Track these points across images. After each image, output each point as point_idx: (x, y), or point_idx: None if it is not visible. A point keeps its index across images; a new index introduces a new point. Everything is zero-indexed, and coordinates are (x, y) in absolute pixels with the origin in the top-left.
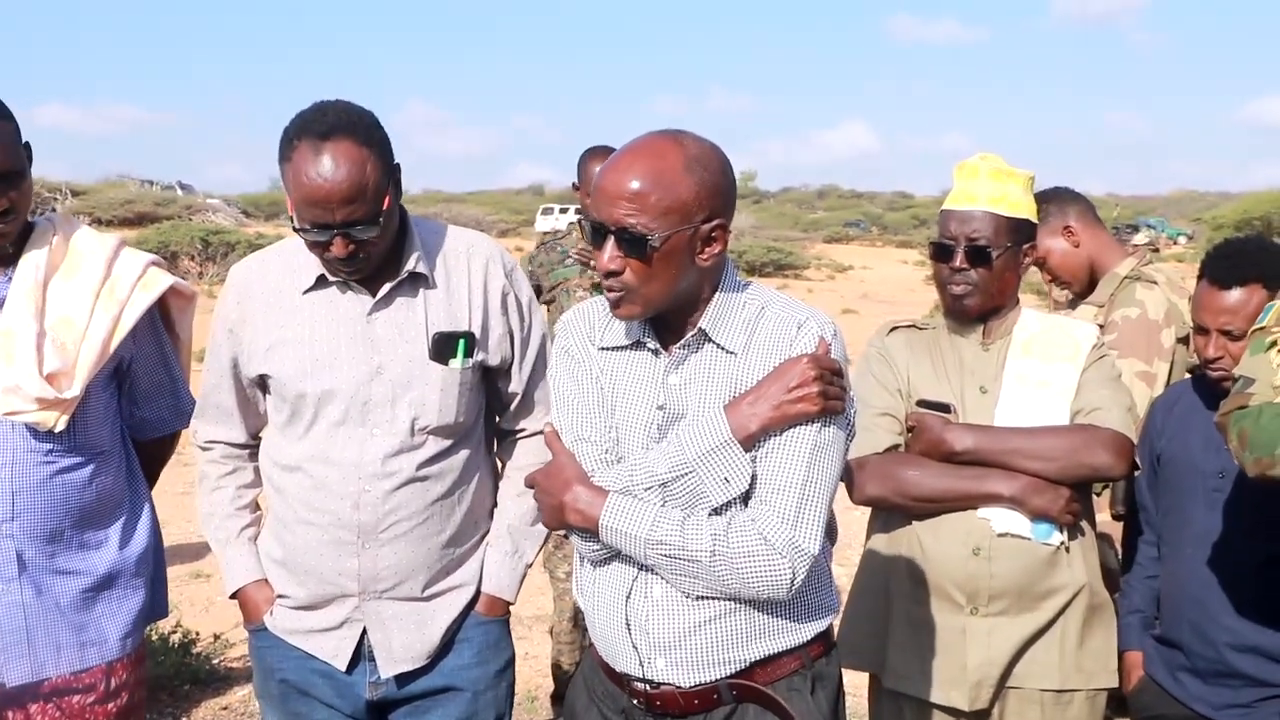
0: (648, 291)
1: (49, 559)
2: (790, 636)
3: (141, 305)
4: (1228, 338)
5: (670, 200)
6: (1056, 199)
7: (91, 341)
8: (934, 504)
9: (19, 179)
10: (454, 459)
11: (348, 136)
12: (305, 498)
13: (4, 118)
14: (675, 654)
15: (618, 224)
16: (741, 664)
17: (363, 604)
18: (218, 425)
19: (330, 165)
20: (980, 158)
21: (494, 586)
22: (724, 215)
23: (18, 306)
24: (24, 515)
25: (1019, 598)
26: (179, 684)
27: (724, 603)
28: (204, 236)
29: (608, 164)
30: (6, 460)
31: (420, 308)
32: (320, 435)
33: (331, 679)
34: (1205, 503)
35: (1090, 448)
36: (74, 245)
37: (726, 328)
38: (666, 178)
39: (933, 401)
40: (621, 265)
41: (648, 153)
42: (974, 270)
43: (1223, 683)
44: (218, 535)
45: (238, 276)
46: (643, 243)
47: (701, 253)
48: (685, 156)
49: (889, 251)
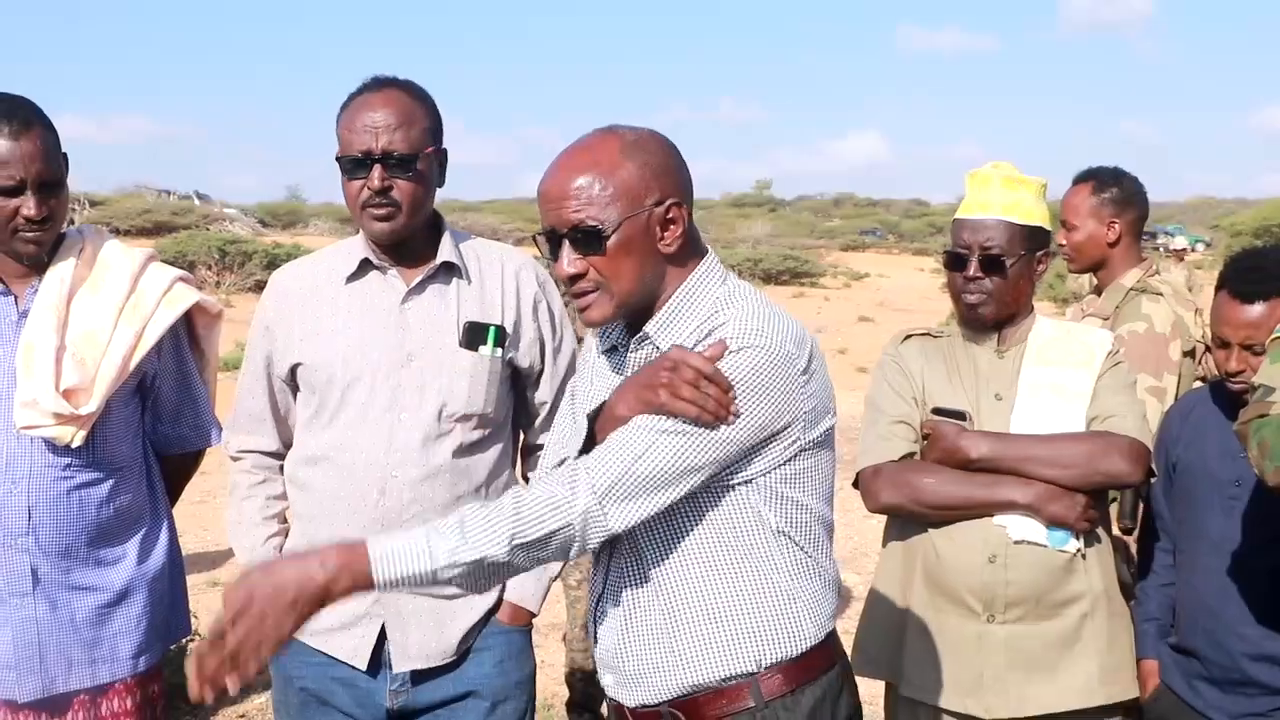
0: (616, 287)
1: (64, 574)
2: (735, 663)
3: (165, 321)
4: (1249, 352)
5: (614, 187)
6: (1124, 191)
7: (112, 357)
8: (950, 511)
9: (58, 188)
10: (481, 456)
11: (403, 90)
12: (330, 488)
13: (46, 128)
14: (618, 673)
15: (567, 224)
16: (681, 689)
17: (382, 599)
18: (250, 434)
19: (382, 99)
20: (992, 166)
21: (517, 595)
22: (677, 195)
23: (41, 320)
24: (40, 529)
25: (1035, 605)
26: None
27: (663, 620)
28: (221, 246)
29: (545, 172)
30: (24, 474)
31: (453, 299)
32: (348, 422)
33: (352, 687)
34: (1221, 511)
35: (1106, 454)
36: (101, 258)
37: (673, 334)
38: (605, 166)
39: (948, 409)
40: (582, 267)
41: (581, 149)
42: (988, 279)
43: (1239, 691)
44: (244, 543)
45: (278, 278)
46: (597, 236)
47: (662, 237)
48: (620, 143)
49: (905, 259)
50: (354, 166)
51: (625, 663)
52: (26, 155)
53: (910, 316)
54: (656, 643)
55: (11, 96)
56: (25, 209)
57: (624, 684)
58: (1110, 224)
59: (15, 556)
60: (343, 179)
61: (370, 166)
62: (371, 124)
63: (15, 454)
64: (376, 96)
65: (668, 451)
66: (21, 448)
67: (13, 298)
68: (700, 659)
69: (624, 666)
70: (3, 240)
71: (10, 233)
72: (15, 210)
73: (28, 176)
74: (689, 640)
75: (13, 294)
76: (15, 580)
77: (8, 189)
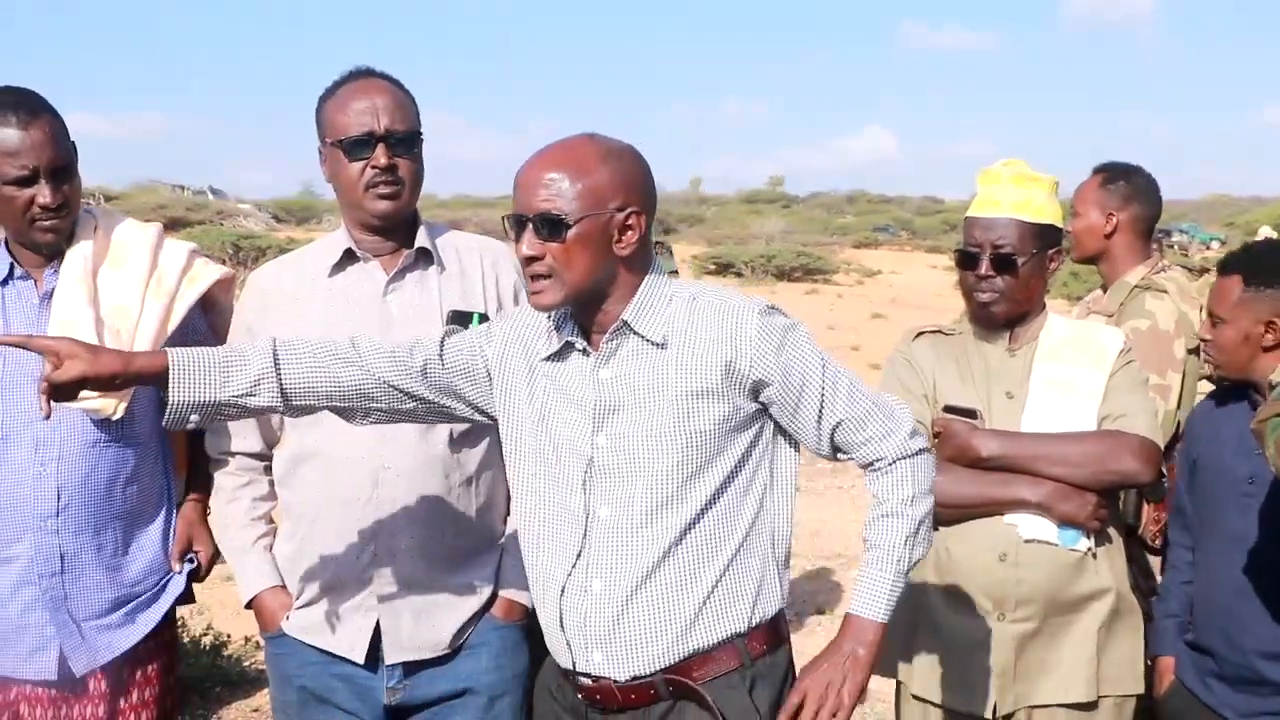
0: (568, 277)
1: (94, 554)
2: (725, 626)
3: (190, 299)
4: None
5: (583, 185)
6: (1131, 186)
7: (145, 331)
8: (960, 510)
9: (71, 174)
10: (473, 450)
11: (388, 79)
12: (322, 484)
13: (53, 115)
14: (611, 647)
15: (533, 210)
16: (676, 656)
17: (377, 590)
18: (232, 435)
19: (375, 84)
20: (1003, 164)
21: (511, 590)
22: (640, 205)
23: (71, 295)
24: (69, 510)
25: (1046, 604)
26: (210, 686)
27: (656, 593)
28: (235, 241)
29: (525, 162)
30: (54, 455)
31: (435, 289)
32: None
33: (350, 682)
34: (1236, 508)
35: (1117, 453)
36: (117, 236)
37: (649, 319)
38: (580, 165)
39: (959, 407)
40: (540, 250)
41: (561, 147)
42: (1000, 278)
43: (1251, 690)
44: (232, 545)
45: (256, 279)
46: (558, 224)
47: (619, 240)
48: (599, 149)
49: (918, 256)
50: (357, 147)
51: (623, 635)
52: (37, 143)
53: (923, 314)
54: (661, 610)
55: (16, 88)
56: (41, 197)
57: (617, 658)
58: (1109, 216)
59: (46, 538)
60: (337, 163)
61: (374, 146)
62: (371, 106)
63: (46, 436)
64: (369, 83)
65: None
66: (51, 430)
67: (32, 281)
68: (702, 622)
69: (620, 639)
70: (21, 231)
71: (28, 223)
72: (31, 199)
73: (40, 164)
74: (694, 604)
75: (32, 278)
76: (46, 561)
77: (22, 179)
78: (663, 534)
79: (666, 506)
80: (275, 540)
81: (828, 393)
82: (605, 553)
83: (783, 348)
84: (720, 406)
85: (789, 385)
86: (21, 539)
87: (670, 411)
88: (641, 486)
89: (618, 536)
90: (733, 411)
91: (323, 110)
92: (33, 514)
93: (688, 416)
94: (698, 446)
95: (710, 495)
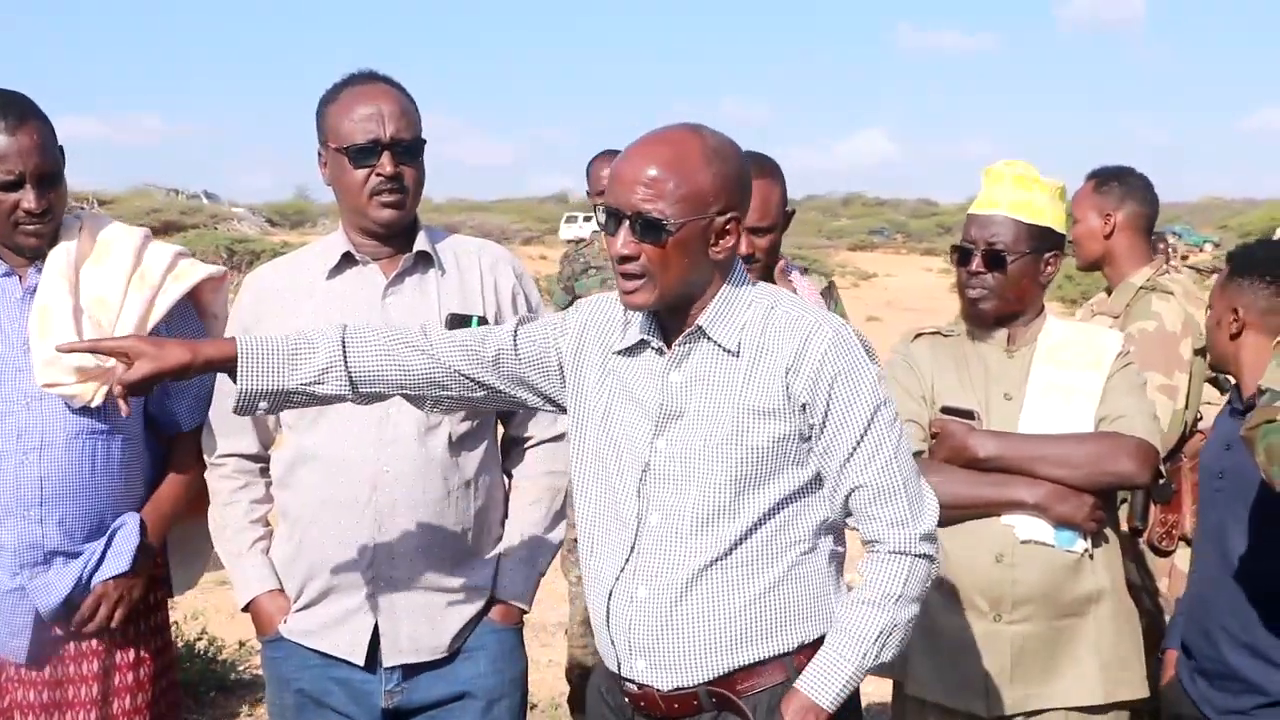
0: (662, 279)
1: (80, 544)
2: (773, 643)
3: (175, 294)
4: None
5: (688, 188)
6: (1125, 186)
7: (125, 322)
8: (957, 511)
9: (57, 181)
10: (471, 453)
11: (391, 83)
12: (320, 486)
13: (42, 121)
14: (654, 656)
15: (634, 209)
16: (721, 670)
17: (375, 593)
18: (229, 436)
19: (380, 90)
20: (1005, 163)
21: (509, 594)
22: (738, 209)
23: (52, 285)
24: (52, 500)
25: (1043, 605)
26: (205, 690)
27: (707, 606)
28: (229, 245)
29: (625, 152)
30: (36, 444)
31: (434, 292)
32: (335, 419)
33: (348, 685)
34: (1209, 503)
35: (1114, 455)
36: (102, 236)
37: (725, 325)
38: (685, 166)
39: (957, 408)
40: (636, 250)
41: (666, 141)
42: (990, 274)
43: (1224, 686)
44: (229, 549)
45: (252, 280)
46: (659, 228)
47: (715, 245)
48: (704, 147)
49: (913, 259)
50: (362, 154)
51: (666, 645)
52: (24, 149)
53: (918, 316)
54: (705, 622)
55: (6, 92)
56: (25, 202)
57: (660, 668)
58: (1106, 217)
59: (30, 528)
60: (340, 167)
61: (379, 154)
62: (377, 112)
63: (29, 424)
64: (374, 88)
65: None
66: (34, 418)
67: (16, 277)
68: (748, 637)
69: (663, 649)
70: (4, 234)
71: (11, 226)
72: (15, 204)
73: (26, 170)
74: (741, 619)
75: (16, 274)
76: (31, 551)
77: (7, 183)
78: (711, 546)
79: (717, 518)
80: (272, 543)
81: (863, 447)
82: (652, 559)
83: (839, 378)
84: (778, 425)
85: (827, 421)
86: (2, 525)
87: (731, 424)
88: (693, 496)
89: (665, 544)
90: (791, 431)
91: (325, 113)
92: (15, 501)
93: (747, 431)
94: (753, 462)
95: (765, 511)
